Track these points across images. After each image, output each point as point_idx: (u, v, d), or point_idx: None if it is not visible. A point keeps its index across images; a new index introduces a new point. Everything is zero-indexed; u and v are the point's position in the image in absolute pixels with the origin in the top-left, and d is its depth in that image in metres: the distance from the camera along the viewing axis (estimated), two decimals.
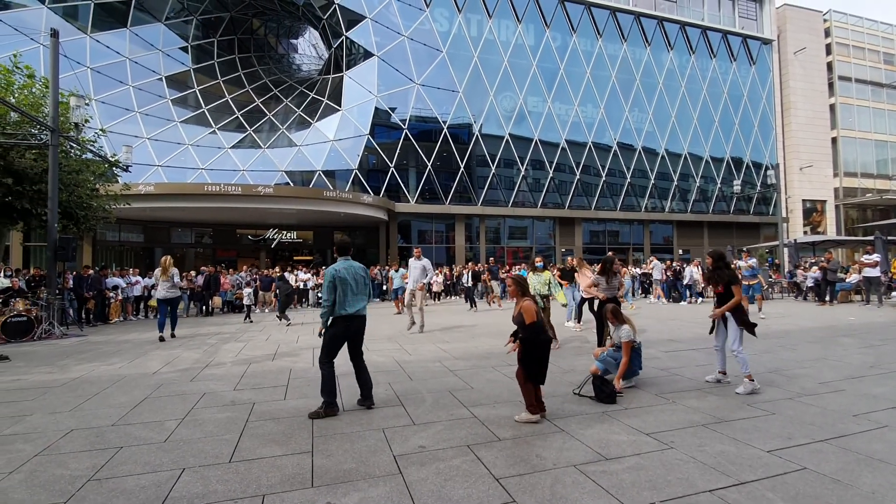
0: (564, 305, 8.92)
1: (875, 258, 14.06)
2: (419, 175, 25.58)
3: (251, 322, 12.53)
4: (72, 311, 12.52)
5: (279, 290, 12.98)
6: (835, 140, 37.21)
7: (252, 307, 13.65)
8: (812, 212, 36.08)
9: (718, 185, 32.46)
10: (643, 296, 17.91)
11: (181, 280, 10.92)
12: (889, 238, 16.59)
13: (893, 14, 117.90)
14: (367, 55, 25.10)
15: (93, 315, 13.05)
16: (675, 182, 31.24)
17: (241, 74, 27.67)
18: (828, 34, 37.84)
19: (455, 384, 5.45)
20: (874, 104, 38.79)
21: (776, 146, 34.53)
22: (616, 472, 3.08)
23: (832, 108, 37.31)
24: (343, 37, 25.52)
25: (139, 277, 15.00)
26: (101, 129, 14.30)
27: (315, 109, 25.91)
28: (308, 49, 33.98)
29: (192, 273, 15.87)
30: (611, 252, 18.42)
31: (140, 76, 23.47)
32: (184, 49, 25.83)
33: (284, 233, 26.19)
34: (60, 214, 11.51)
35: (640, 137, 30.53)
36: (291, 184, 22.88)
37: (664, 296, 17.12)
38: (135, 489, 2.97)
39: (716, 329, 5.36)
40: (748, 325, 5.00)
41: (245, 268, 17.67)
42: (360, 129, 24.42)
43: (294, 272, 18.17)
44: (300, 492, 2.90)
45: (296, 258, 26.43)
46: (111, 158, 13.68)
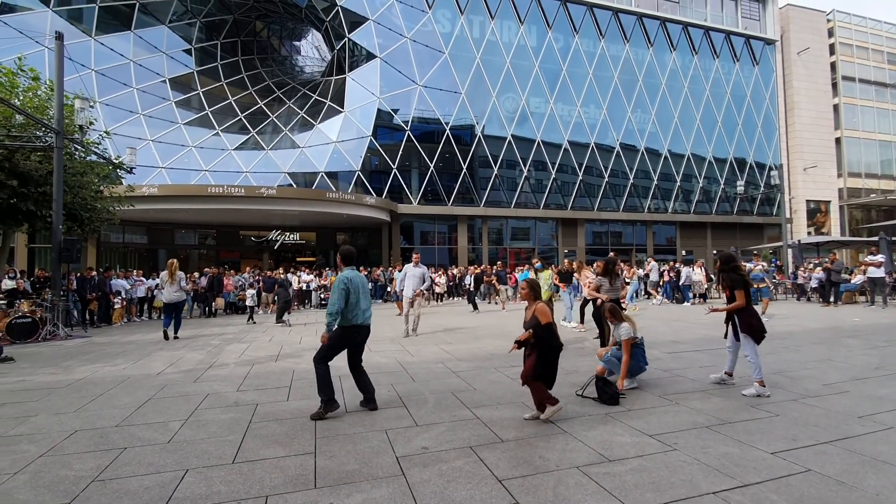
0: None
1: (879, 259, 14.01)
2: (422, 176, 25.60)
3: (254, 323, 12.57)
4: (76, 313, 12.59)
5: (278, 297, 12.85)
6: (839, 140, 37.04)
7: (255, 308, 13.69)
8: (816, 212, 35.91)
9: (722, 186, 32.33)
10: (646, 297, 17.84)
11: (186, 283, 10.96)
12: (894, 239, 16.49)
13: None
14: (370, 57, 25.14)
15: (96, 316, 13.12)
16: (678, 183, 31.15)
17: (245, 76, 27.78)
18: (831, 34, 37.69)
19: (458, 385, 5.45)
20: (878, 104, 38.59)
21: (780, 146, 34.39)
22: (619, 474, 3.08)
23: (836, 109, 37.14)
24: (346, 38, 25.59)
25: (143, 279, 15.07)
26: (106, 132, 14.40)
27: (318, 111, 25.97)
28: (311, 51, 34.07)
29: (196, 274, 15.93)
30: (613, 253, 18.36)
31: (144, 79, 23.60)
32: (187, 51, 25.96)
33: (287, 234, 26.27)
34: (65, 216, 11.59)
35: (643, 138, 30.45)
36: (294, 185, 22.93)
37: (661, 296, 17.13)
38: (139, 490, 2.99)
39: (729, 331, 5.30)
40: (752, 331, 4.92)
41: (248, 269, 17.73)
42: (363, 131, 24.47)
43: (297, 273, 18.21)
44: (303, 493, 2.91)
45: (299, 259, 26.49)
46: (115, 160, 13.77)
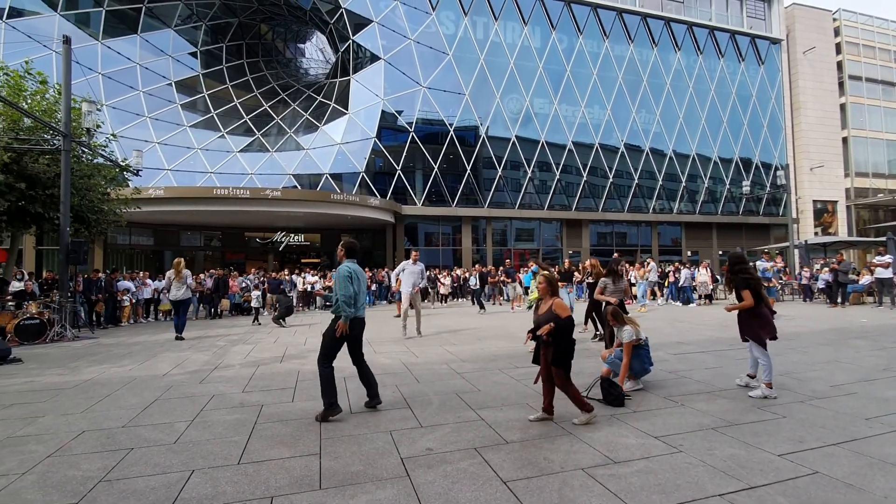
0: (529, 308, 8.74)
1: (887, 259, 13.88)
2: (426, 177, 25.62)
3: (259, 324, 12.62)
4: (83, 314, 12.69)
5: (279, 304, 12.78)
6: (845, 140, 36.76)
7: (260, 310, 13.74)
8: (823, 212, 35.64)
9: (727, 186, 32.15)
10: (652, 297, 17.75)
11: (192, 282, 11.04)
12: None
13: None
14: (374, 59, 25.21)
15: (103, 318, 13.21)
16: (684, 183, 31.01)
17: (250, 79, 27.93)
18: (837, 33, 37.43)
19: (462, 386, 5.44)
20: (885, 103, 38.26)
21: (786, 146, 34.16)
22: (624, 476, 3.06)
23: (843, 108, 36.86)
24: (350, 41, 25.67)
25: (149, 280, 15.17)
26: (112, 134, 14.51)
27: (322, 113, 26.06)
28: (315, 53, 34.22)
29: (202, 276, 16.01)
30: (617, 254, 18.29)
31: (150, 81, 23.80)
32: (193, 54, 26.14)
33: (292, 235, 26.38)
34: (72, 218, 11.68)
35: (648, 138, 30.34)
36: (299, 187, 23.02)
37: (665, 297, 17.03)
38: (145, 490, 3.00)
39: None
40: (755, 336, 4.87)
41: (254, 270, 17.79)
42: (367, 132, 24.53)
43: (302, 275, 18.26)
44: (308, 494, 2.91)
45: (303, 261, 26.59)
46: (122, 163, 13.88)
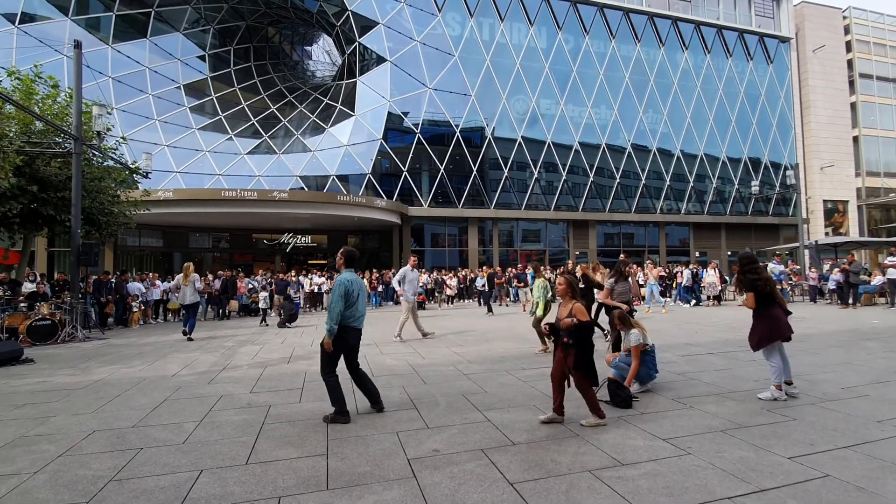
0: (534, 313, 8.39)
1: None
2: (432, 179, 25.64)
3: (267, 325, 12.70)
4: (94, 315, 12.83)
5: (283, 310, 12.81)
6: (856, 139, 36.31)
7: (267, 311, 13.82)
8: (833, 212, 35.22)
9: (736, 186, 31.87)
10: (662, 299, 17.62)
11: (201, 285, 11.16)
12: None
13: None
14: (380, 60, 25.30)
15: (112, 318, 13.35)
16: (692, 183, 30.78)
17: (257, 81, 28.13)
18: (847, 31, 37.01)
19: (469, 388, 5.44)
20: None
21: (795, 146, 33.80)
22: (632, 478, 3.04)
23: (853, 107, 36.42)
24: (356, 43, 25.79)
25: (158, 282, 15.32)
26: (122, 137, 14.68)
27: (329, 115, 26.19)
28: (322, 55, 34.37)
29: (210, 277, 16.13)
30: (624, 255, 18.19)
31: (159, 85, 24.04)
32: (201, 58, 26.38)
33: (299, 237, 26.49)
34: (83, 220, 11.83)
35: (655, 138, 30.16)
36: (306, 188, 23.13)
37: (674, 298, 16.90)
38: (155, 490, 3.03)
39: None
40: (759, 338, 4.80)
41: (261, 272, 17.89)
42: (374, 134, 24.60)
43: (309, 276, 18.34)
44: (315, 494, 2.93)
45: (310, 262, 26.68)
46: (132, 165, 14.03)
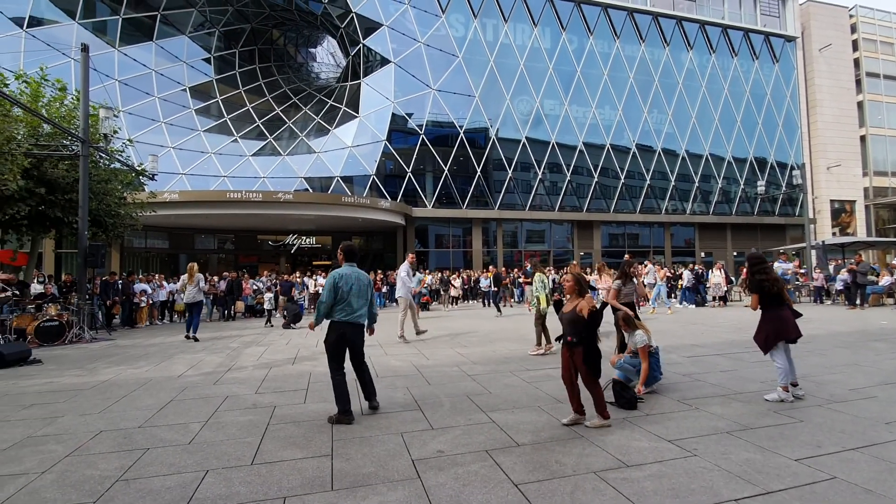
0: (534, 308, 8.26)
1: None
2: (436, 180, 25.67)
3: (272, 326, 12.73)
4: (101, 316, 12.93)
5: (287, 311, 12.82)
6: (863, 138, 36.01)
7: (272, 312, 13.87)
8: (841, 212, 34.93)
9: (741, 186, 31.70)
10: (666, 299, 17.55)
11: (205, 284, 11.22)
12: None
13: None
14: (384, 62, 25.37)
15: (118, 319, 13.44)
16: (697, 183, 30.64)
17: (262, 84, 28.28)
18: (854, 30, 36.73)
19: (473, 389, 5.43)
20: None
21: (802, 145, 33.59)
22: (637, 480, 3.03)
23: (860, 106, 36.14)
24: (360, 44, 25.87)
25: (164, 283, 15.41)
26: (129, 140, 14.81)
27: (333, 116, 26.28)
28: (326, 57, 34.52)
29: (215, 278, 16.21)
30: (628, 255, 18.13)
31: (165, 87, 24.22)
32: (207, 60, 26.55)
33: (304, 238, 26.59)
34: (90, 222, 11.93)
35: (660, 139, 30.06)
36: (310, 190, 23.22)
37: (678, 299, 16.84)
38: (161, 490, 3.05)
39: None
40: (762, 340, 4.77)
41: (266, 273, 17.95)
42: (378, 135, 24.67)
43: (313, 277, 18.38)
44: (320, 494, 2.93)
45: (315, 263, 26.77)
46: (138, 168, 14.14)
